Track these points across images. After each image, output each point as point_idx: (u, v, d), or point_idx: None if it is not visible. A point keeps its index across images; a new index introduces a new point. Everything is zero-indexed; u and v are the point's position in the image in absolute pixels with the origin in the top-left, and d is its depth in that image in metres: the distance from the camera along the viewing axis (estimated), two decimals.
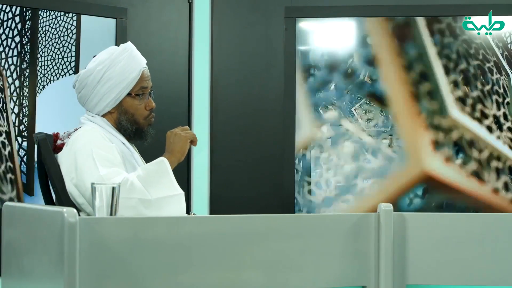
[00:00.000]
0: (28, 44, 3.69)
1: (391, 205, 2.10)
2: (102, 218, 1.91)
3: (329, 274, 2.06)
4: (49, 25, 3.74)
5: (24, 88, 3.68)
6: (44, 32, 3.73)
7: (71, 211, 1.73)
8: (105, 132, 2.67)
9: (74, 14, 3.77)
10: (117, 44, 3.61)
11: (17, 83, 3.66)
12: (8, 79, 3.64)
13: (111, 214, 1.99)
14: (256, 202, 3.95)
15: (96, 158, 2.51)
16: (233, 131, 4.02)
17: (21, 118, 3.68)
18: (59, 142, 2.67)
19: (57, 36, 3.76)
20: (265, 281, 1.98)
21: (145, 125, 2.74)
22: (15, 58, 3.65)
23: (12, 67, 3.65)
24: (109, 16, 3.81)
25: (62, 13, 3.75)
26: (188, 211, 3.75)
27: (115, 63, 2.67)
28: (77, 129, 2.69)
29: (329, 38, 4.04)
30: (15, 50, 3.66)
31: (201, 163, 3.99)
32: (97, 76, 2.67)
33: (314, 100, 4.01)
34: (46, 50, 3.74)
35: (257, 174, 4.00)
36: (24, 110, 3.67)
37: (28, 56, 3.68)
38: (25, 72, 3.67)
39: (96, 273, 1.76)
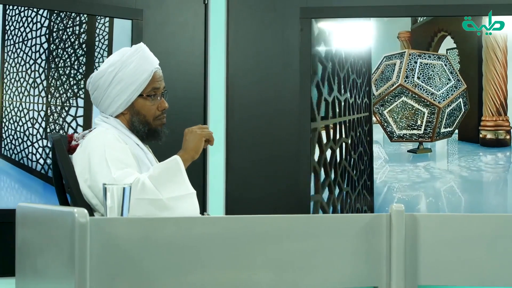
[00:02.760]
0: (84, 50, 3.76)
1: (402, 205, 2.10)
2: (112, 219, 1.92)
3: (341, 274, 2.06)
4: (79, 28, 3.79)
5: (80, 92, 3.76)
6: (77, 36, 3.79)
7: (82, 212, 1.74)
8: (119, 133, 2.68)
9: (106, 20, 3.81)
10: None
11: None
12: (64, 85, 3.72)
13: (122, 215, 2.00)
14: (272, 202, 3.96)
15: (109, 159, 2.52)
16: (249, 132, 4.03)
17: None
18: (73, 143, 2.68)
19: (89, 40, 3.81)
20: (276, 281, 1.98)
21: (157, 126, 2.74)
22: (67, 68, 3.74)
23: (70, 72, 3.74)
24: (124, 17, 3.83)
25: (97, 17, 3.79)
26: (203, 211, 3.76)
27: (126, 65, 2.67)
28: (91, 130, 2.71)
29: (344, 38, 4.04)
30: (72, 56, 3.74)
31: (217, 164, 4.00)
32: (108, 77, 2.67)
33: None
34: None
35: (273, 174, 4.00)
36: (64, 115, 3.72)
37: (83, 62, 3.77)
38: (79, 77, 3.76)
39: (107, 273, 1.77)
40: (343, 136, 4.01)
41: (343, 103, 4.01)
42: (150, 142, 2.78)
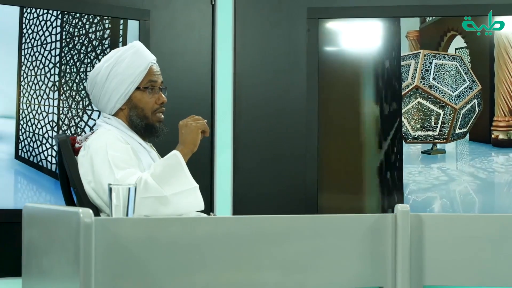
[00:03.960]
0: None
1: (408, 206, 2.10)
2: (117, 219, 1.93)
3: (346, 275, 2.06)
4: (94, 31, 3.80)
5: None
6: (97, 38, 3.80)
7: (87, 212, 1.75)
8: (121, 133, 2.69)
9: (121, 22, 3.83)
10: None
11: None
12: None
13: (127, 215, 2.01)
14: (279, 202, 3.96)
15: (111, 160, 2.53)
16: (256, 131, 4.03)
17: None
18: (76, 145, 2.70)
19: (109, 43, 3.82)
20: (281, 281, 1.98)
21: (155, 121, 2.75)
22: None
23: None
24: (132, 18, 3.84)
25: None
26: (210, 211, 3.76)
27: (121, 60, 2.71)
28: (93, 132, 2.72)
29: (351, 38, 4.04)
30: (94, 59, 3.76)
31: (224, 163, 4.00)
32: (105, 73, 2.70)
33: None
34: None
35: (280, 174, 4.00)
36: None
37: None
38: None
39: (112, 273, 1.78)
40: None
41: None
42: (150, 139, 2.79)
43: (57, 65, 3.70)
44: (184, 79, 3.95)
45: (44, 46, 3.67)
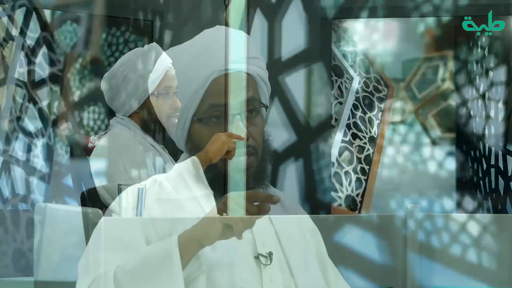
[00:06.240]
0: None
1: (417, 205, 2.10)
2: (126, 219, 1.94)
3: (356, 275, 2.06)
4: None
5: None
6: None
7: (96, 212, 1.76)
8: (134, 135, 2.70)
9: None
10: None
11: None
12: None
13: (137, 215, 2.01)
14: None
15: (124, 161, 2.54)
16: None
17: None
18: (89, 145, 2.71)
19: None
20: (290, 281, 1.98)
21: (169, 125, 2.74)
22: None
23: None
24: (145, 18, 3.85)
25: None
26: (223, 211, 3.76)
27: (137, 64, 2.69)
28: (107, 132, 2.73)
29: (365, 39, 4.04)
30: None
31: (238, 165, 3.99)
32: (120, 77, 2.69)
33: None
34: None
35: (294, 176, 4.00)
36: None
37: None
38: None
39: None
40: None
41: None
42: (164, 141, 2.79)
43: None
44: None
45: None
